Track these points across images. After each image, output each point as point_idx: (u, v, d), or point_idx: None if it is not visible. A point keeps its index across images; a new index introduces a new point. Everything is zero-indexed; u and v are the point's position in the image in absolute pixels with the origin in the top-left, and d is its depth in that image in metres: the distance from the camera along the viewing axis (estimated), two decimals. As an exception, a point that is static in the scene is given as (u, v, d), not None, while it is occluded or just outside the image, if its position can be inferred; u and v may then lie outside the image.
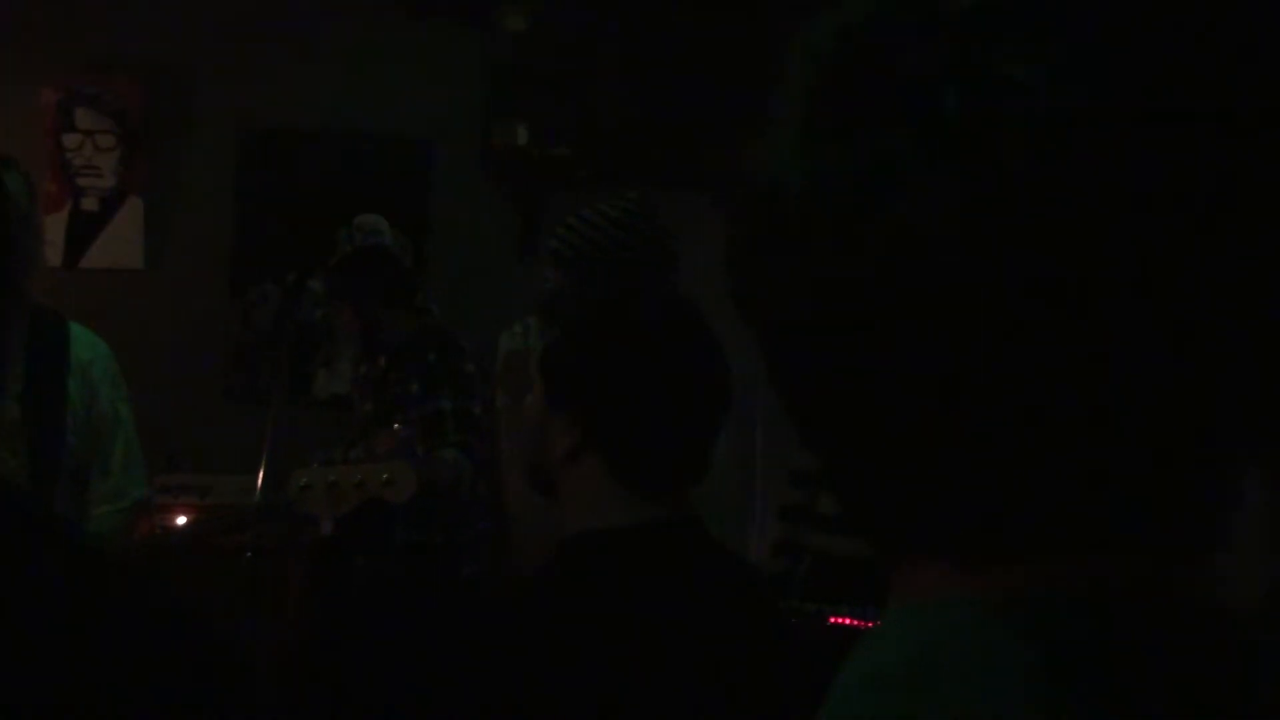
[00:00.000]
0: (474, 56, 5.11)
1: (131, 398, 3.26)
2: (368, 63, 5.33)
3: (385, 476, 3.40)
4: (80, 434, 3.10)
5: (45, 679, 1.14)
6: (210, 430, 4.89)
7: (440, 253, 5.19)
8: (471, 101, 5.09)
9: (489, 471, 3.90)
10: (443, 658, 1.79)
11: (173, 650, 1.25)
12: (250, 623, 4.06)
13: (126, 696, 1.19)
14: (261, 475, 3.97)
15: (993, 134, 0.52)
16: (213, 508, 4.51)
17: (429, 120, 5.31)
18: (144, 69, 5.33)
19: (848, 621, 3.62)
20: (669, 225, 3.13)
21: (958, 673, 0.54)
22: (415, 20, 5.23)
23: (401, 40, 5.30)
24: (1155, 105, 0.51)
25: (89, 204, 5.31)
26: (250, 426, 4.27)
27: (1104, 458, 0.53)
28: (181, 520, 4.46)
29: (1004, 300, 0.52)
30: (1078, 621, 0.54)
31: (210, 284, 5.37)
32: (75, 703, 1.15)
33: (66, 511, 3.05)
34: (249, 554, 3.86)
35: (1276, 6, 0.52)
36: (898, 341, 0.55)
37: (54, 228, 5.24)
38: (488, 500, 4.03)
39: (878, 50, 0.56)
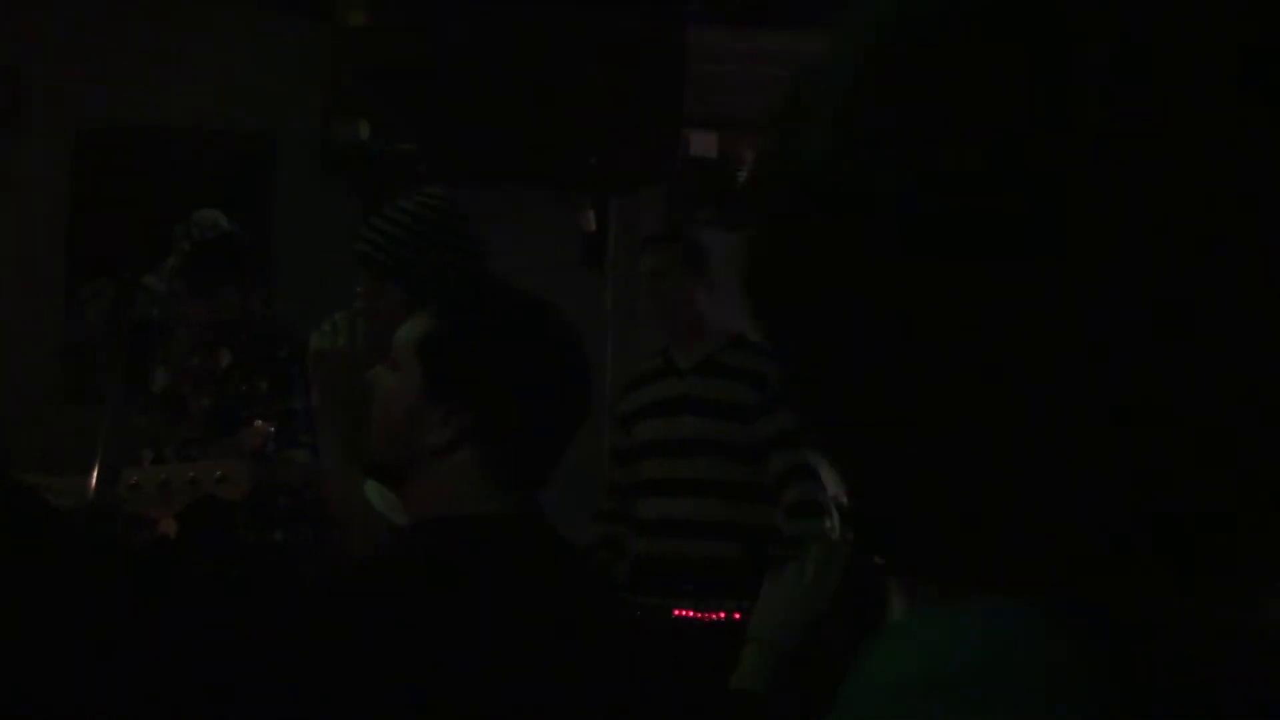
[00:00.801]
0: (316, 50, 5.04)
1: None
2: (208, 57, 5.26)
3: (219, 474, 3.28)
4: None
5: None
6: (44, 430, 4.75)
7: (283, 249, 5.13)
8: (313, 96, 5.03)
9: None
10: (292, 644, 1.75)
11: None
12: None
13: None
14: (95, 475, 3.85)
15: (1061, 149, 0.50)
16: (45, 509, 4.36)
17: (270, 116, 5.25)
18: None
19: (691, 614, 3.73)
20: (472, 218, 3.08)
21: (1031, 682, 0.52)
22: (256, 13, 5.18)
23: (242, 34, 5.24)
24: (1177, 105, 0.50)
25: (-86, 199, 5.18)
26: (86, 426, 4.15)
27: (1134, 475, 0.51)
28: (12, 522, 4.31)
29: (1031, 309, 0.50)
30: (1133, 633, 0.52)
31: (43, 281, 5.25)
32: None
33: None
34: (82, 555, 3.77)
35: None
36: (932, 347, 0.52)
37: (-123, 224, 5.08)
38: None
39: (935, 53, 0.53)
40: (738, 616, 3.64)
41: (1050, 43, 0.50)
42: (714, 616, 3.78)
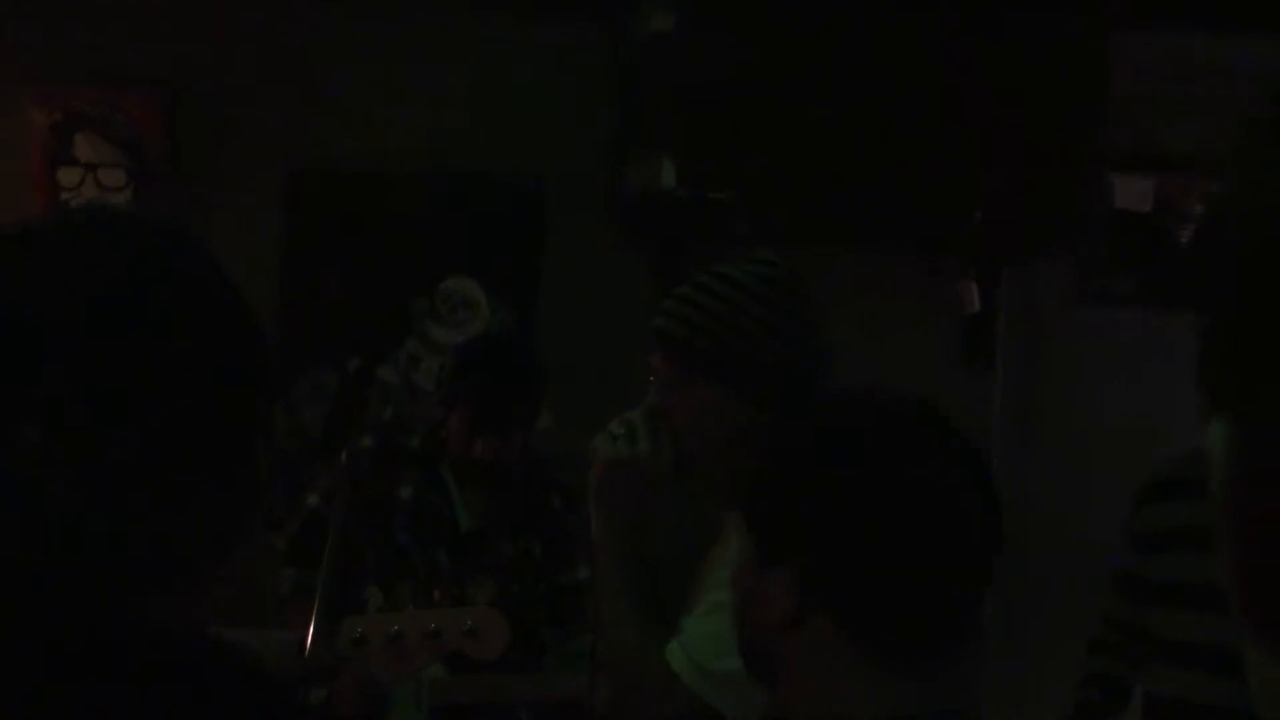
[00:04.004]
0: (603, 69, 4.38)
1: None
2: (457, 80, 4.66)
3: (469, 624, 2.99)
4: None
5: None
6: (245, 571, 3.84)
7: (551, 327, 4.57)
8: (598, 130, 4.33)
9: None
10: None
11: None
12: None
13: None
14: (311, 631, 3.28)
15: None
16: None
17: (541, 153, 4.62)
18: (167, 87, 4.63)
19: None
20: (816, 297, 2.56)
21: None
22: (523, 22, 4.55)
23: (504, 49, 4.67)
24: None
25: (89, 259, 4.50)
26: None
27: None
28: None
29: None
30: None
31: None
32: None
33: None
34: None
35: None
36: None
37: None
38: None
39: None
40: None
41: None
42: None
